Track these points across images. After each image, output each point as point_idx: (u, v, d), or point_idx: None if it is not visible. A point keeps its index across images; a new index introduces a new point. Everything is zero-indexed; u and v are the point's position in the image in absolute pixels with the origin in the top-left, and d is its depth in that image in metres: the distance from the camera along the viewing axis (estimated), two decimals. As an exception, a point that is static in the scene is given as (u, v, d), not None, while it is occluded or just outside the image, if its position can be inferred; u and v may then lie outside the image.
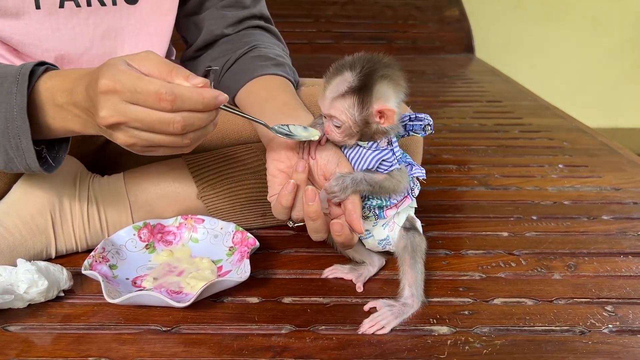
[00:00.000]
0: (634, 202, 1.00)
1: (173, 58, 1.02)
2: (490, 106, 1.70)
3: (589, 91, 2.80)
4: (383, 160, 0.64)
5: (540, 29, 2.75)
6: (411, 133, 0.70)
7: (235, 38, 0.89)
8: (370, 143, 0.65)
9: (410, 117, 0.68)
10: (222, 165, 0.82)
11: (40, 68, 0.64)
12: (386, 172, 0.65)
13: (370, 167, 0.64)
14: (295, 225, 0.66)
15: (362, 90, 0.61)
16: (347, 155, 0.66)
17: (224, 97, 0.59)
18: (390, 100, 0.62)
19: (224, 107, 0.60)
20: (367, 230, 0.70)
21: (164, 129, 0.57)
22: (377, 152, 0.64)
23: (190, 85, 0.57)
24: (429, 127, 0.69)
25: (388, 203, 0.68)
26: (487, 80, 2.05)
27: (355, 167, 0.65)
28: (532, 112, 1.61)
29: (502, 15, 2.74)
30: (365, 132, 0.63)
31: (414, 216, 0.71)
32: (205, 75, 0.93)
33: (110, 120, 0.57)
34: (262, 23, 0.93)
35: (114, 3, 0.79)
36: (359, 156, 0.65)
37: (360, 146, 0.65)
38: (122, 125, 0.57)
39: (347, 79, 0.61)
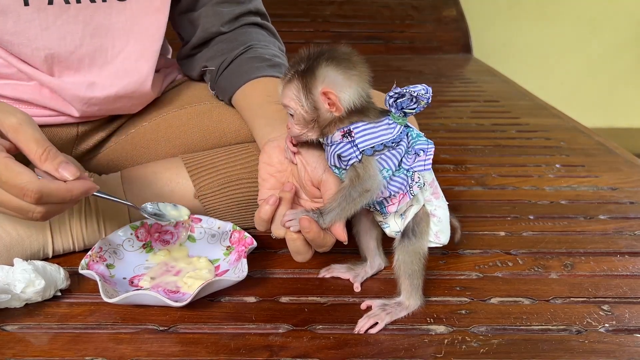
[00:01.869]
0: (630, 201, 1.00)
1: (169, 56, 1.02)
2: (488, 106, 1.70)
3: (586, 91, 2.80)
4: (339, 156, 0.61)
5: (537, 29, 2.75)
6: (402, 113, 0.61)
7: (231, 37, 0.89)
8: (326, 139, 0.62)
9: (391, 96, 0.60)
10: (219, 164, 0.82)
11: None
12: (347, 169, 0.61)
13: (332, 164, 0.62)
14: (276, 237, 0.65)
15: (306, 73, 0.60)
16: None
17: (94, 188, 0.61)
18: (337, 84, 0.59)
19: (95, 194, 0.64)
20: (380, 221, 0.68)
21: (22, 214, 0.59)
22: (333, 147, 0.62)
23: (60, 177, 0.59)
24: (423, 101, 0.59)
25: (374, 203, 0.64)
26: (484, 80, 2.05)
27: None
28: (529, 112, 1.61)
29: (499, 15, 2.74)
30: (322, 123, 0.61)
31: (433, 213, 0.66)
32: (202, 75, 0.93)
33: None
34: (258, 20, 0.92)
35: None
36: (326, 156, 0.63)
37: (326, 144, 0.63)
38: None
39: (295, 67, 0.61)
